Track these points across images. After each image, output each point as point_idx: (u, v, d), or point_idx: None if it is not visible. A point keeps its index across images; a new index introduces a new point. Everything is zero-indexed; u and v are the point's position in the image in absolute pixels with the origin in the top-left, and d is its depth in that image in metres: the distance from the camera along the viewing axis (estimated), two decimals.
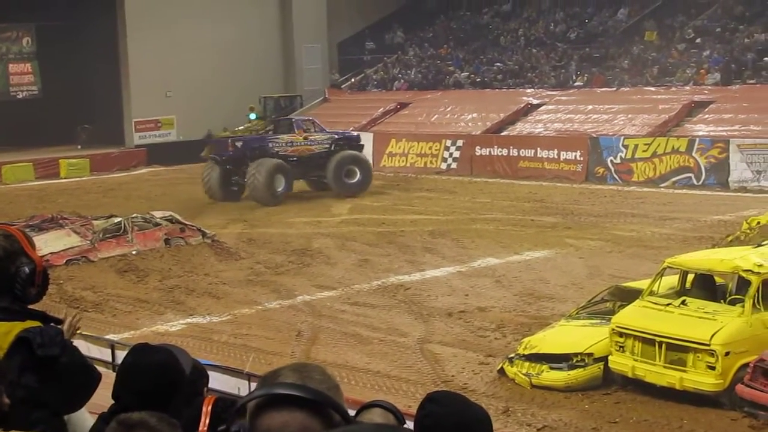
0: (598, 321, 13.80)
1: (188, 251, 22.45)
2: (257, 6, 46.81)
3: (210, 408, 3.44)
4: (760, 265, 12.55)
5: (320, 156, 31.99)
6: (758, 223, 19.12)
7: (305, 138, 32.17)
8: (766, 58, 35.55)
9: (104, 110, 43.83)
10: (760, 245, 13.93)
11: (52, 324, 4.14)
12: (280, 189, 30.64)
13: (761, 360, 11.66)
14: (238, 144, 31.94)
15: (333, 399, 2.48)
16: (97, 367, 4.22)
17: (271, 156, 31.14)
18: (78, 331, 4.43)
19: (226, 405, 3.44)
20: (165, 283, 20.04)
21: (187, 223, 23.65)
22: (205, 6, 44.52)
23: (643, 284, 13.94)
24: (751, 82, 34.87)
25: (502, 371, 13.59)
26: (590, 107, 36.61)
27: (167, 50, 43.21)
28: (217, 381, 9.48)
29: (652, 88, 36.59)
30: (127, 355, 3.98)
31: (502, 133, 37.24)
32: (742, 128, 31.63)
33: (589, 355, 13.08)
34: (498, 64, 43.03)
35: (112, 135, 43.72)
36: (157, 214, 23.72)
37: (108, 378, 4.12)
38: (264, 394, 2.48)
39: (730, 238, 18.97)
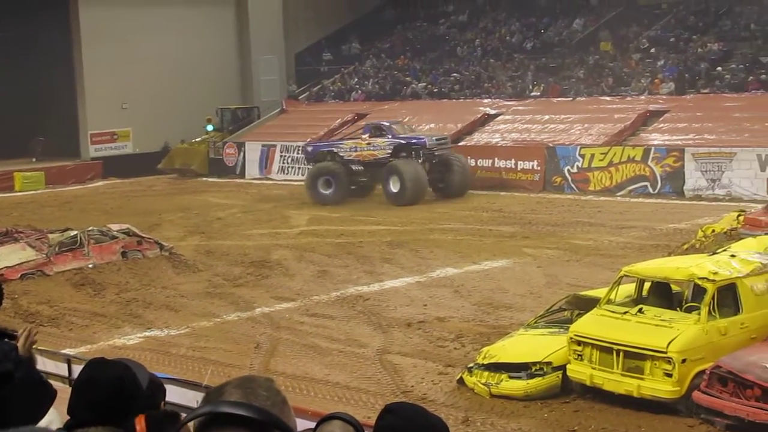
0: (557, 330, 13.85)
1: (145, 264, 22.30)
2: (213, 17, 46.65)
3: (144, 424, 3.40)
4: (716, 273, 12.67)
5: (384, 161, 32.09)
6: (713, 231, 19.37)
7: (368, 143, 32.43)
8: (719, 68, 36.00)
9: (59, 122, 43.45)
10: (715, 253, 14.06)
11: (6, 339, 4.09)
12: (326, 192, 32.05)
13: (717, 367, 11.76)
14: (309, 149, 34.27)
15: (276, 417, 2.47)
16: (53, 382, 4.18)
17: (336, 161, 32.40)
18: (35, 345, 4.38)
19: (159, 418, 3.41)
20: (122, 297, 19.89)
21: (144, 235, 23.49)
22: (160, 18, 44.26)
23: (600, 293, 14.02)
24: (705, 91, 35.26)
25: (461, 381, 13.60)
26: (547, 117, 36.79)
27: (123, 62, 42.87)
28: (176, 394, 9.40)
29: (608, 98, 36.88)
30: (83, 369, 3.93)
31: (459, 143, 37.27)
32: (697, 137, 31.95)
33: (548, 363, 13.12)
34: (455, 74, 43.14)
35: (67, 147, 43.37)
36: (114, 227, 23.52)
37: (64, 393, 4.07)
38: (207, 413, 2.47)
39: (685, 246, 19.19)
